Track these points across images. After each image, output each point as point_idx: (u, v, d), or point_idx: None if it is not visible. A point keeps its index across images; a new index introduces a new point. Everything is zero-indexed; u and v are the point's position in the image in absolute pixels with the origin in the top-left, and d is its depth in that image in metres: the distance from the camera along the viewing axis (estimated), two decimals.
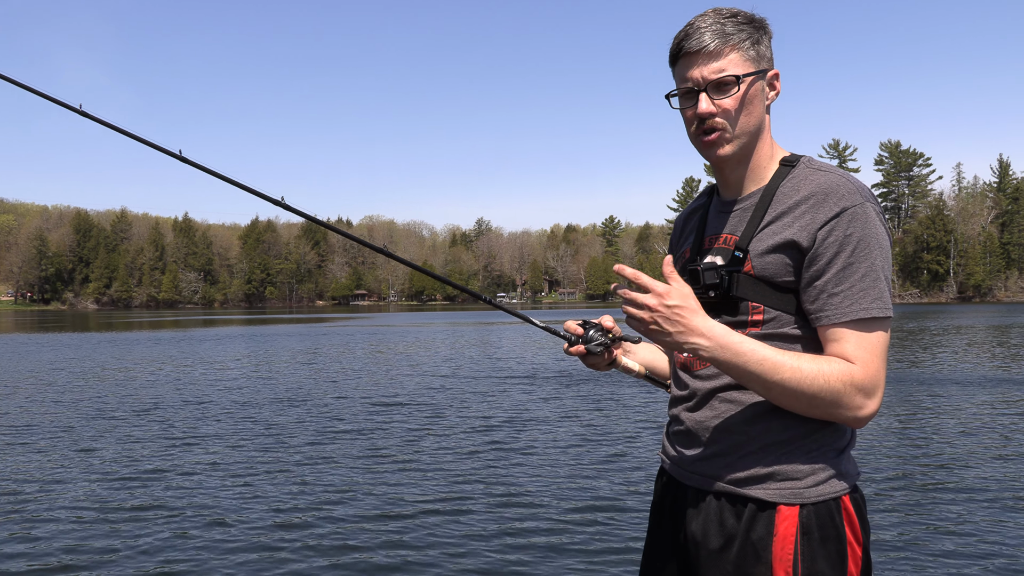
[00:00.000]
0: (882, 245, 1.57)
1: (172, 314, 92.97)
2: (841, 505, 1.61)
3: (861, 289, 1.54)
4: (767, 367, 1.53)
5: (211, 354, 23.65)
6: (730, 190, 1.77)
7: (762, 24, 1.68)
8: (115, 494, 6.84)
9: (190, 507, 6.40)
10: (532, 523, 5.87)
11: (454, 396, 13.13)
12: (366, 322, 52.97)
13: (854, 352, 1.54)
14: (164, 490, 6.96)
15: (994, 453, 8.04)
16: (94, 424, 10.55)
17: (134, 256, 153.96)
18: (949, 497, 6.37)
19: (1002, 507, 6.09)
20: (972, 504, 6.17)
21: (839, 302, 1.55)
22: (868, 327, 1.55)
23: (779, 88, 1.72)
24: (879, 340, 1.56)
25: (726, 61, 1.62)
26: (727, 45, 1.62)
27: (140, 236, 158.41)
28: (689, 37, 1.65)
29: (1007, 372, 15.65)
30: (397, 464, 7.95)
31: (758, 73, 1.65)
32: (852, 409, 1.54)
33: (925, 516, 5.90)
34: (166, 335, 36.40)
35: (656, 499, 1.88)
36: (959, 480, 6.94)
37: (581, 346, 1.77)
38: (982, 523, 5.70)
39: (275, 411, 11.56)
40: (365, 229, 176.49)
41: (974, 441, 8.66)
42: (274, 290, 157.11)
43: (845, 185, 1.59)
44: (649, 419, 10.43)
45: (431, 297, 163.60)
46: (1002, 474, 7.15)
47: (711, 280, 1.66)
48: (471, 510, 6.22)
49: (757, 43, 1.65)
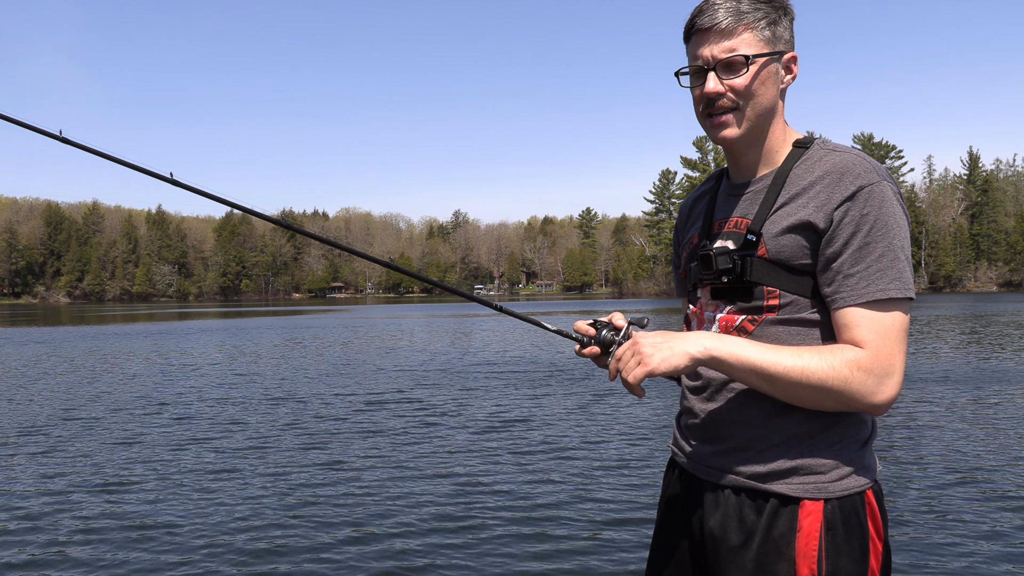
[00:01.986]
0: (900, 224, 1.52)
1: (146, 307, 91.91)
2: (865, 499, 1.58)
3: (879, 269, 1.49)
4: (768, 360, 1.49)
5: (189, 348, 23.41)
6: (741, 173, 1.71)
7: (783, 4, 1.62)
8: (78, 499, 6.55)
9: (163, 516, 6.13)
10: (533, 516, 5.81)
11: (444, 390, 13.06)
12: (346, 316, 52.69)
13: (865, 335, 1.49)
14: (137, 498, 6.65)
15: (987, 443, 8.14)
16: (63, 424, 10.35)
17: (107, 249, 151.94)
18: (952, 491, 6.37)
19: (1000, 500, 6.13)
20: (969, 499, 6.20)
21: (855, 283, 1.50)
22: (884, 308, 1.50)
23: (796, 72, 1.65)
24: (895, 322, 1.50)
25: (738, 40, 1.57)
26: (740, 24, 1.57)
27: (113, 229, 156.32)
28: (702, 13, 1.60)
29: (987, 362, 15.91)
30: (392, 462, 7.84)
31: (771, 55, 1.59)
32: (864, 395, 1.48)
33: (923, 510, 5.89)
34: (139, 328, 35.95)
35: (667, 492, 1.83)
36: (959, 472, 7.00)
37: (595, 347, 1.67)
38: (979, 520, 5.71)
39: (256, 411, 11.30)
40: (341, 221, 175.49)
41: (963, 432, 8.76)
42: (250, 283, 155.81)
43: (861, 164, 1.54)
44: (652, 409, 10.43)
45: (408, 290, 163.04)
46: (998, 465, 7.22)
47: (724, 265, 1.60)
48: (470, 505, 6.15)
49: (774, 23, 1.59)
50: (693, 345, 1.51)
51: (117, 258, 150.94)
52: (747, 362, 1.50)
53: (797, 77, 1.66)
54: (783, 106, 1.67)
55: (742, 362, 1.50)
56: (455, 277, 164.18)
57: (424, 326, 35.15)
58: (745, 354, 1.50)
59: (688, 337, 1.53)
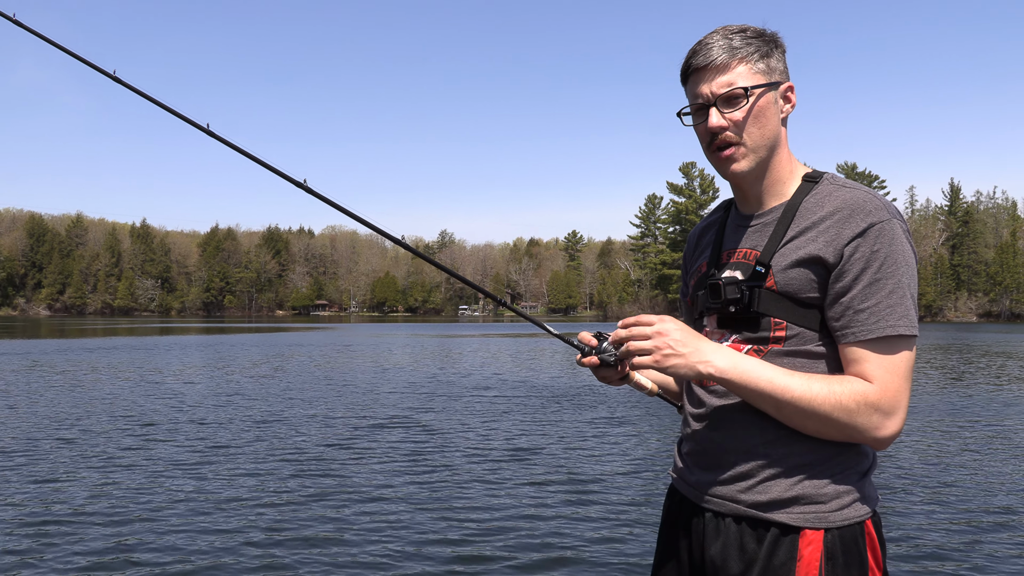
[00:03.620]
0: (908, 263, 1.55)
1: (127, 322, 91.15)
2: (864, 529, 1.59)
3: (888, 306, 1.52)
4: (778, 385, 1.52)
5: (169, 364, 23.25)
6: (749, 205, 1.74)
7: (773, 38, 1.68)
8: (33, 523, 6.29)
9: (131, 542, 5.86)
10: (532, 543, 5.75)
11: (436, 412, 12.92)
12: (332, 334, 52.44)
13: (873, 371, 1.52)
14: (102, 520, 6.30)
15: (984, 473, 8.23)
16: (32, 444, 10.21)
17: (89, 262, 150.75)
18: (948, 522, 6.39)
19: (995, 531, 6.21)
20: (963, 530, 6.27)
21: (865, 318, 1.52)
22: (893, 345, 1.52)
23: (795, 101, 1.70)
24: (903, 359, 1.53)
25: (734, 74, 1.62)
26: (735, 58, 1.62)
27: (96, 242, 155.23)
28: (697, 53, 1.66)
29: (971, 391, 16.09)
30: (381, 486, 7.76)
31: (768, 85, 1.64)
32: (869, 429, 1.51)
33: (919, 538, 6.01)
34: (120, 342, 35.68)
35: (667, 519, 1.83)
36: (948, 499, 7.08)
37: (594, 357, 1.70)
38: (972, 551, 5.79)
39: (238, 433, 11.02)
40: (327, 239, 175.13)
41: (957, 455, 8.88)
42: (233, 299, 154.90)
43: (872, 201, 1.57)
44: (652, 435, 10.47)
45: (393, 308, 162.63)
46: (992, 495, 7.30)
47: (732, 295, 1.63)
48: (468, 526, 6.09)
49: (767, 56, 1.65)
50: (706, 363, 1.54)
51: (99, 271, 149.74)
52: (756, 387, 1.53)
53: (796, 106, 1.71)
54: (786, 135, 1.71)
55: (752, 385, 1.53)
56: (440, 297, 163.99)
57: (414, 345, 35.09)
58: (756, 377, 1.53)
59: (705, 350, 1.55)
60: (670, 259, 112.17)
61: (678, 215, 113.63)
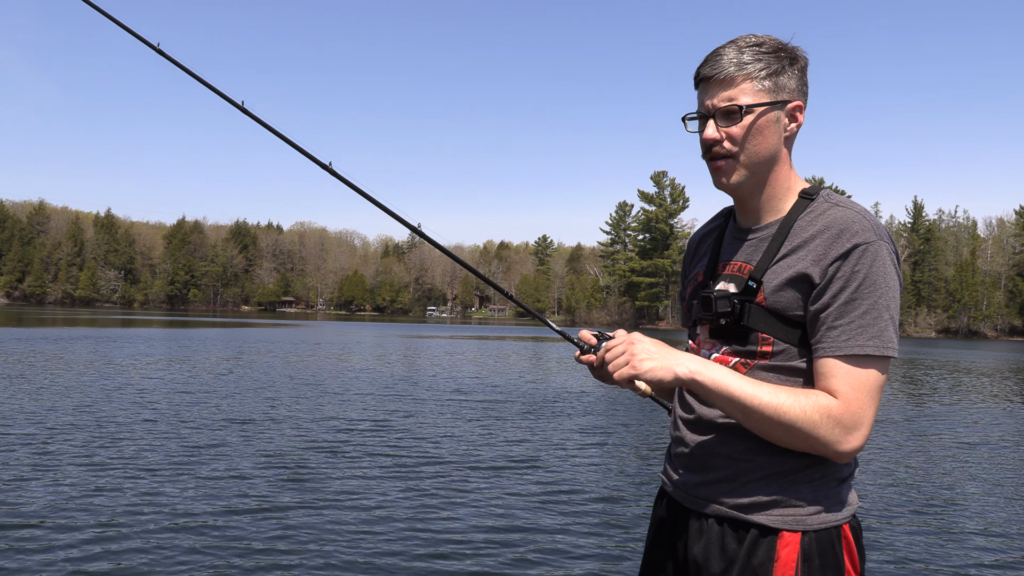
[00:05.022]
0: (889, 285, 1.58)
1: (88, 312, 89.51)
2: (841, 533, 1.65)
3: (860, 326, 1.56)
4: (747, 392, 1.57)
5: (130, 357, 22.89)
6: (747, 218, 1.78)
7: (791, 55, 1.69)
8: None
9: (76, 549, 5.68)
10: (525, 542, 5.77)
11: (411, 413, 12.90)
12: (301, 331, 51.97)
13: (839, 387, 1.56)
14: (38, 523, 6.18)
15: (962, 483, 8.41)
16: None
17: (51, 250, 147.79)
18: (926, 526, 6.55)
19: (972, 536, 6.34)
20: (942, 533, 6.42)
21: (836, 335, 1.57)
22: (861, 363, 1.56)
23: (801, 120, 1.72)
24: (870, 377, 1.56)
25: (737, 90, 1.65)
26: (740, 74, 1.65)
27: (58, 230, 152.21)
28: (707, 63, 1.69)
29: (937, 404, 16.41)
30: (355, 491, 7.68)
31: (771, 104, 1.66)
32: (830, 443, 1.56)
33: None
34: (80, 333, 35.00)
35: (655, 520, 1.89)
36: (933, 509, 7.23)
37: (592, 355, 1.75)
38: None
39: (205, 436, 10.93)
40: (296, 235, 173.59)
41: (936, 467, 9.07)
42: (198, 292, 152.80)
43: (860, 222, 1.60)
44: (643, 438, 10.52)
45: (360, 307, 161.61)
46: (968, 502, 7.47)
47: (723, 308, 1.67)
48: (458, 528, 6.07)
49: (777, 74, 1.66)
50: (680, 364, 1.60)
51: (61, 260, 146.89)
52: (726, 392, 1.58)
53: (803, 124, 1.72)
54: (788, 153, 1.73)
55: (721, 390, 1.58)
56: (408, 297, 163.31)
57: (385, 346, 34.89)
58: (726, 384, 1.58)
59: (679, 355, 1.62)
60: (639, 266, 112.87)
61: (648, 223, 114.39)
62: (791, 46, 1.71)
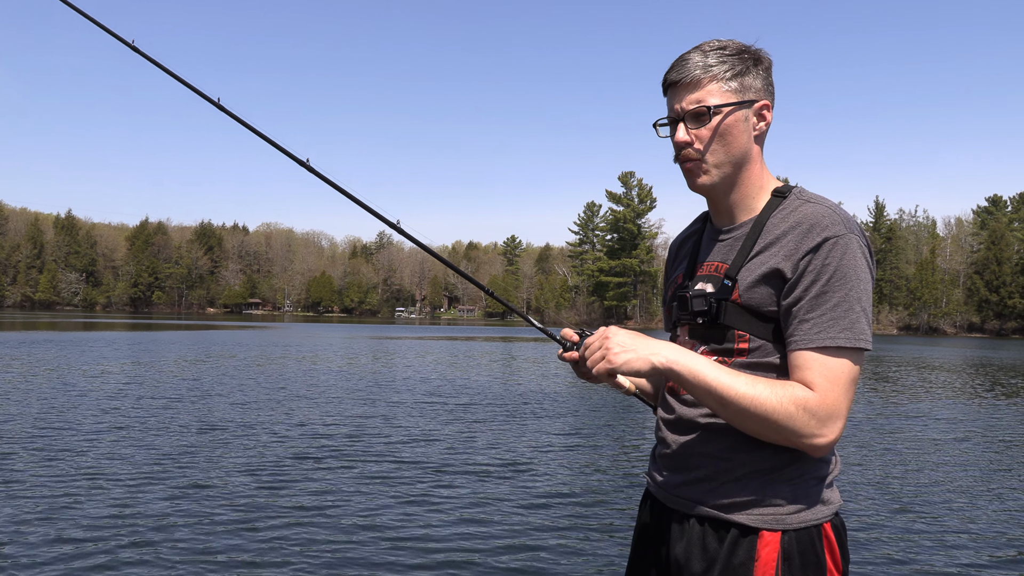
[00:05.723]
0: (860, 277, 1.60)
1: (49, 316, 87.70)
2: (822, 532, 1.65)
3: (832, 318, 1.57)
4: (724, 381, 1.57)
5: (92, 362, 22.44)
6: (721, 218, 1.80)
7: (755, 56, 1.73)
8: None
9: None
10: (513, 544, 5.76)
11: (386, 415, 12.77)
12: (269, 333, 51.36)
13: (814, 379, 1.57)
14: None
15: (946, 480, 8.52)
16: None
17: (9, 253, 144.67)
18: (910, 524, 6.59)
19: (956, 533, 6.41)
20: (925, 531, 6.46)
21: (808, 328, 1.58)
22: (834, 355, 1.57)
23: (770, 119, 1.74)
24: (843, 369, 1.57)
25: (704, 92, 1.68)
26: (706, 76, 1.68)
27: (16, 232, 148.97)
28: (673, 69, 1.73)
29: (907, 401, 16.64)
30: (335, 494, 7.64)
31: (738, 104, 1.69)
32: (806, 436, 1.56)
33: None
34: (40, 337, 34.23)
35: (640, 521, 1.91)
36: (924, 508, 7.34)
37: (575, 352, 1.77)
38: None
39: (175, 447, 10.84)
40: (262, 236, 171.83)
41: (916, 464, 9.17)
42: (162, 295, 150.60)
43: (830, 216, 1.62)
44: (631, 440, 10.51)
45: (328, 309, 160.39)
46: (951, 500, 7.58)
47: (699, 307, 1.70)
48: (439, 535, 6.02)
49: (742, 75, 1.70)
50: (657, 354, 1.60)
51: (20, 263, 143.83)
52: (703, 381, 1.58)
53: (771, 123, 1.76)
54: (759, 152, 1.76)
55: (698, 379, 1.58)
56: (376, 298, 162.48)
57: (360, 348, 34.61)
58: (703, 373, 1.58)
59: (655, 345, 1.62)
60: (607, 266, 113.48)
61: (616, 223, 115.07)
62: (755, 48, 1.74)
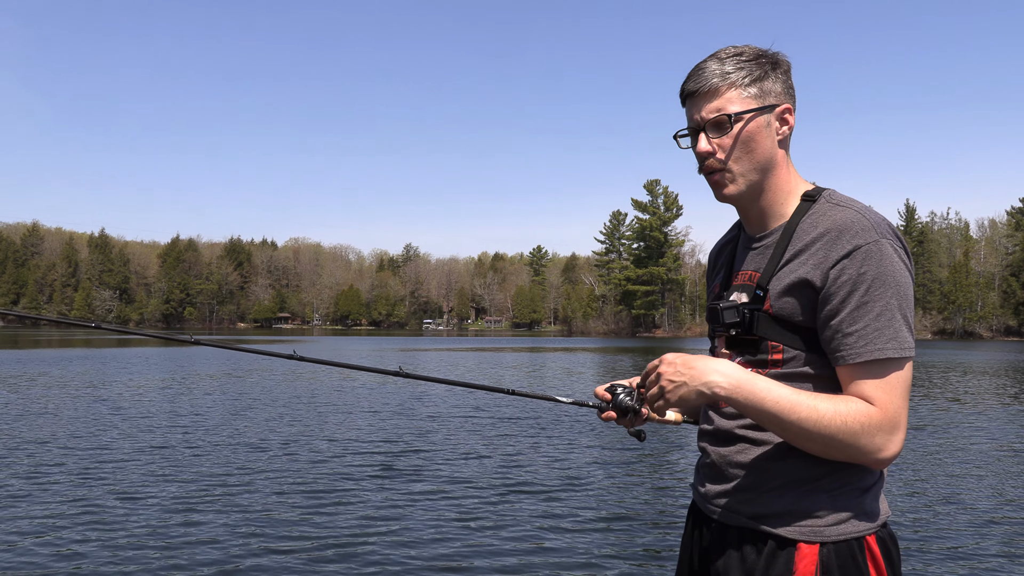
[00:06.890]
0: (899, 283, 1.55)
1: (83, 333, 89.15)
2: (865, 545, 1.60)
3: (876, 329, 1.53)
4: (784, 406, 1.53)
5: (126, 378, 22.79)
6: (752, 226, 1.77)
7: (772, 60, 1.70)
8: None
9: None
10: (555, 561, 5.74)
11: (419, 432, 12.84)
12: (297, 347, 51.70)
13: (872, 392, 1.53)
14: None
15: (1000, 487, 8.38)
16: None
17: (45, 272, 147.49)
18: (968, 537, 6.42)
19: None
20: (984, 539, 6.34)
21: (853, 342, 1.54)
22: (884, 367, 1.54)
23: (792, 122, 1.70)
24: (898, 379, 1.54)
25: (723, 100, 1.65)
26: (724, 84, 1.65)
27: (52, 251, 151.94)
28: (691, 78, 1.70)
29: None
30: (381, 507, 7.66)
31: (759, 110, 1.66)
32: (872, 451, 1.53)
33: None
34: (76, 354, 34.85)
35: (686, 532, 1.90)
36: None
37: (611, 412, 1.74)
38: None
39: (201, 457, 10.89)
40: (290, 251, 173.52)
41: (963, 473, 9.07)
42: (193, 310, 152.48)
43: (860, 222, 1.57)
44: (682, 453, 10.41)
45: (356, 322, 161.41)
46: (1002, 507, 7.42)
47: (731, 319, 1.67)
48: (487, 551, 5.97)
49: (760, 80, 1.66)
50: (707, 383, 1.56)
51: (56, 281, 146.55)
52: (763, 406, 1.54)
53: (795, 127, 1.72)
54: (785, 156, 1.72)
55: (757, 405, 1.54)
56: (404, 310, 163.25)
57: (390, 360, 34.73)
58: (762, 398, 1.54)
59: (708, 370, 1.57)
60: (634, 275, 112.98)
61: (642, 232, 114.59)
62: (772, 51, 1.71)
